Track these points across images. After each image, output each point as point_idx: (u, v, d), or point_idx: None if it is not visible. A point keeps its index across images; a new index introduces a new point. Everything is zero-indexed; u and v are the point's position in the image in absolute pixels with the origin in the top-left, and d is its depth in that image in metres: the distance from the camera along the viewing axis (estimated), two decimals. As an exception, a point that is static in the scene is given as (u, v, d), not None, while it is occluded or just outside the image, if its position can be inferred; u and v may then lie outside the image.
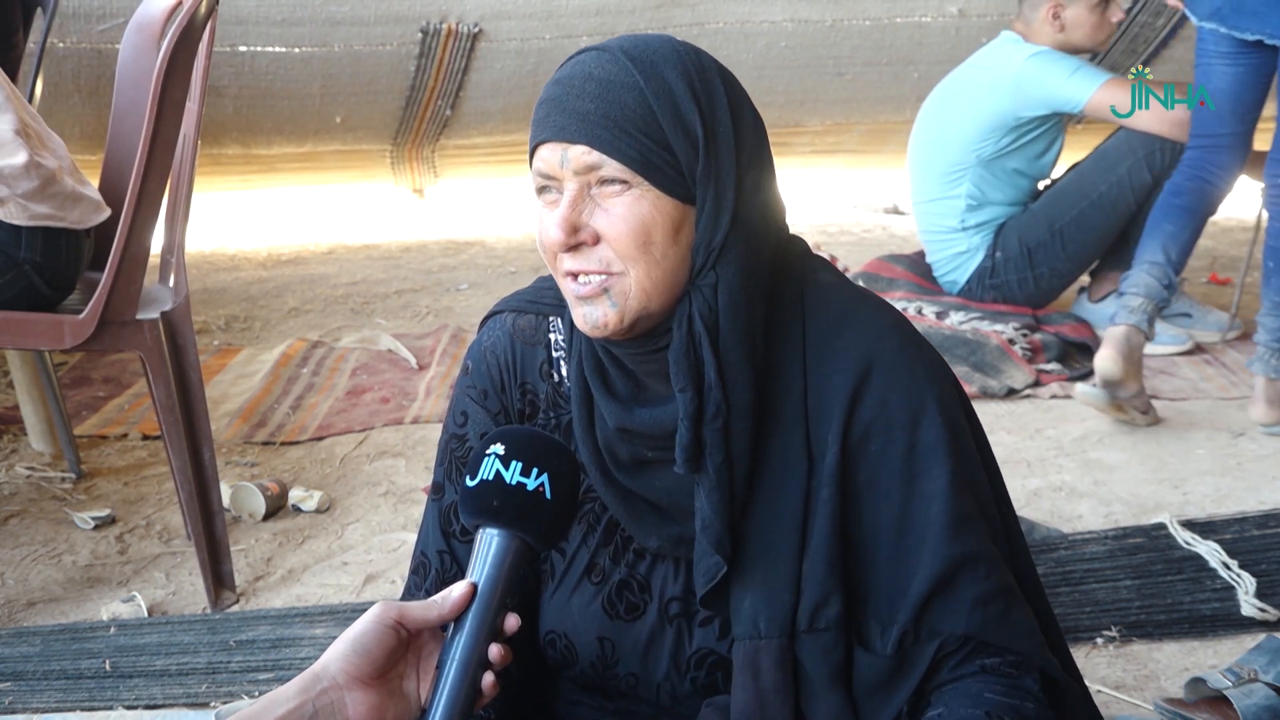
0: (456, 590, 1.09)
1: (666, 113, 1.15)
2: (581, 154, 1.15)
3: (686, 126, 1.16)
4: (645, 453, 1.24)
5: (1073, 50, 3.61)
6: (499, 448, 1.13)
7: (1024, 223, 3.69)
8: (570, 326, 1.26)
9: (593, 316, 1.18)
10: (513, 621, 1.11)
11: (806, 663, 1.20)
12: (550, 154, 1.17)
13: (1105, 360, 2.92)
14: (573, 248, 1.17)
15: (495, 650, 1.09)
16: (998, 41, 3.72)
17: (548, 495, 1.12)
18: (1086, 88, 3.47)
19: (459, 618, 1.09)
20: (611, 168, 1.15)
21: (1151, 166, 3.51)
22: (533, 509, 1.12)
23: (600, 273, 1.17)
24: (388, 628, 1.07)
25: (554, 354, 1.34)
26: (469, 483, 1.13)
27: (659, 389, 1.23)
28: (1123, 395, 2.95)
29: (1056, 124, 3.67)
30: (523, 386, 1.34)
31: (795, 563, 1.20)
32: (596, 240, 1.17)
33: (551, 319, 1.34)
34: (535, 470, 1.12)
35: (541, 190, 1.20)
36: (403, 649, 1.09)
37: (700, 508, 1.21)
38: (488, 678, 1.08)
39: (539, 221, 1.20)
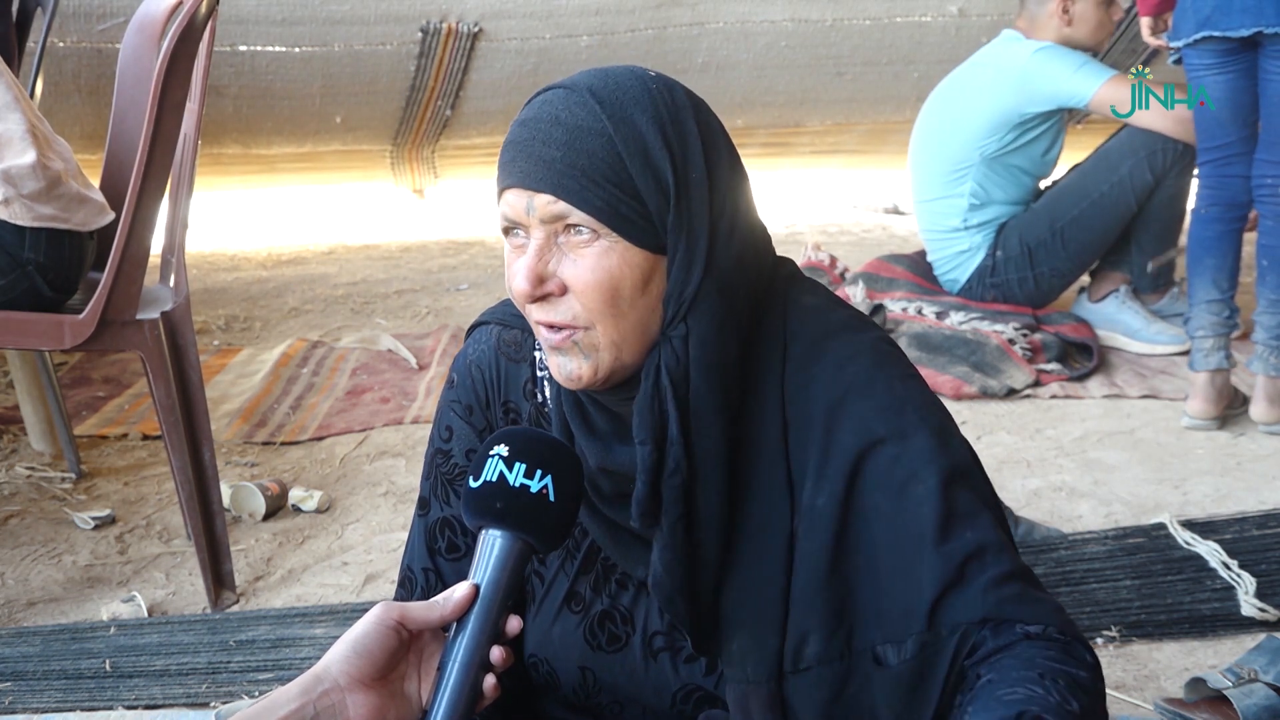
0: (459, 591, 1.09)
1: (636, 161, 1.11)
2: (547, 203, 1.11)
3: (657, 175, 1.12)
4: (629, 487, 1.21)
5: (1073, 47, 3.62)
6: (503, 449, 1.12)
7: (1025, 222, 3.70)
8: None
9: (566, 369, 1.16)
10: (514, 624, 1.10)
11: (795, 702, 1.16)
12: (516, 200, 1.13)
13: (1199, 411, 3.07)
14: (540, 298, 1.14)
15: (497, 652, 1.08)
16: (1000, 40, 3.73)
17: (551, 498, 1.11)
18: (1092, 82, 3.49)
19: (461, 619, 1.08)
20: (578, 218, 1.11)
21: (1153, 167, 3.52)
22: (536, 511, 1.11)
23: (570, 326, 1.14)
24: (389, 629, 1.07)
25: (538, 373, 1.31)
26: (472, 483, 1.12)
27: None
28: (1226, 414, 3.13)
29: (1059, 121, 3.68)
30: (505, 405, 1.32)
31: (781, 605, 1.17)
32: (564, 291, 1.13)
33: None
34: (539, 472, 1.11)
35: (507, 231, 1.17)
36: (404, 650, 1.09)
37: (653, 564, 1.18)
38: (489, 680, 1.07)
39: (507, 266, 1.17)
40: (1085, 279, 3.85)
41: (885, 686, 1.13)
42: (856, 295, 3.67)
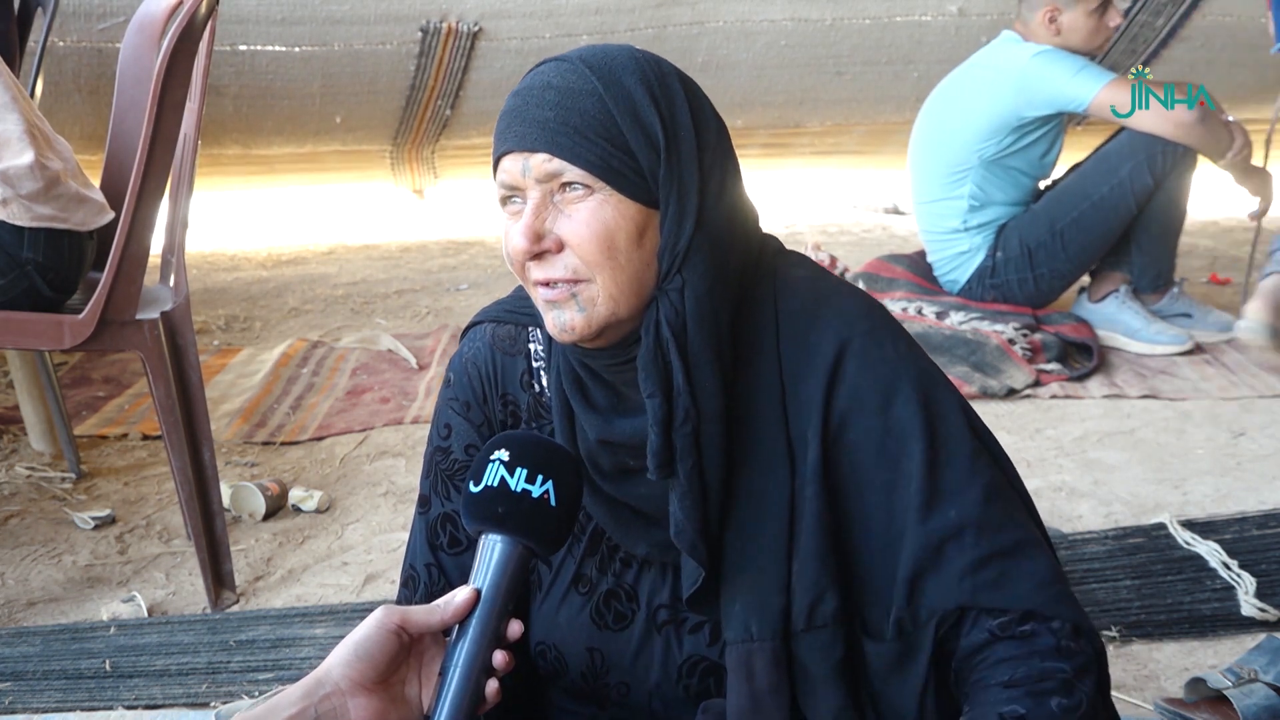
0: (460, 595, 1.09)
1: (626, 117, 1.15)
2: (543, 161, 1.14)
3: (647, 130, 1.15)
4: (628, 461, 1.23)
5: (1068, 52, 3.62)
6: (503, 453, 1.12)
7: (1025, 223, 3.69)
8: (548, 337, 1.26)
9: (561, 320, 1.18)
10: (515, 627, 1.11)
11: (807, 661, 1.19)
12: (512, 164, 1.17)
13: (1257, 311, 3.09)
14: (538, 256, 1.16)
15: (499, 656, 1.09)
16: (999, 41, 3.72)
17: (552, 503, 1.11)
18: (1091, 86, 3.48)
19: (462, 623, 1.08)
20: (573, 174, 1.14)
21: (1153, 169, 3.51)
22: (537, 516, 1.11)
23: (568, 280, 1.16)
24: (390, 633, 1.07)
25: (534, 364, 1.34)
26: (473, 488, 1.13)
27: (637, 398, 1.21)
28: None
29: (1058, 124, 3.67)
30: (504, 397, 1.34)
31: (784, 564, 1.19)
32: (561, 247, 1.16)
33: (531, 329, 1.34)
34: (540, 477, 1.11)
35: (505, 201, 1.19)
36: (405, 654, 1.09)
37: (673, 513, 1.20)
38: (491, 684, 1.08)
39: (504, 233, 1.19)
40: (1085, 279, 3.85)
41: (875, 656, 1.19)
42: (856, 295, 3.67)
